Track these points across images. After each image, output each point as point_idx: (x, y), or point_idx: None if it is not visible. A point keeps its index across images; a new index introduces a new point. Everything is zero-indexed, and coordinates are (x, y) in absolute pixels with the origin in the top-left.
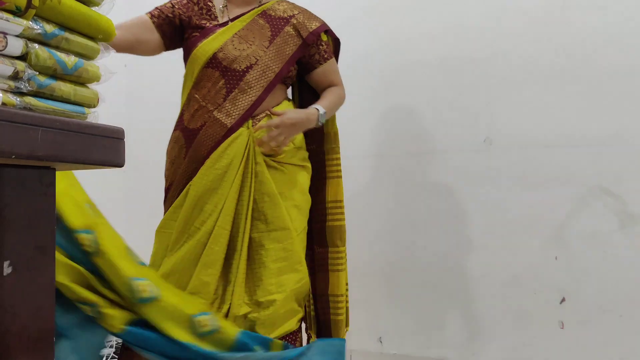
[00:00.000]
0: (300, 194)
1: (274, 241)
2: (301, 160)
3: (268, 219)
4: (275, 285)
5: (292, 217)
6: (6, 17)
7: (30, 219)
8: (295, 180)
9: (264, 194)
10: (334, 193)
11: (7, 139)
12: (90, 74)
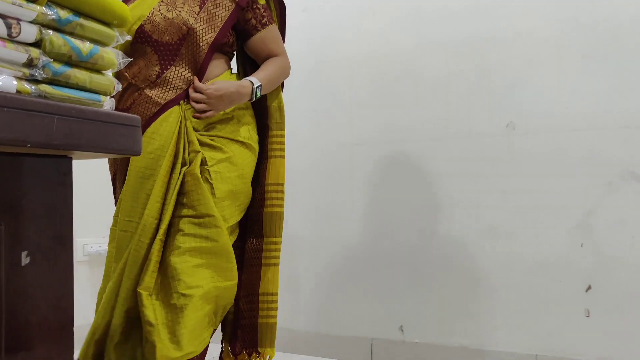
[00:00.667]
0: (239, 179)
1: (194, 227)
2: (246, 138)
3: (192, 203)
4: (192, 277)
5: (224, 205)
6: (19, 3)
7: (48, 208)
8: (235, 160)
9: (187, 175)
10: (274, 175)
11: (22, 127)
12: (106, 60)
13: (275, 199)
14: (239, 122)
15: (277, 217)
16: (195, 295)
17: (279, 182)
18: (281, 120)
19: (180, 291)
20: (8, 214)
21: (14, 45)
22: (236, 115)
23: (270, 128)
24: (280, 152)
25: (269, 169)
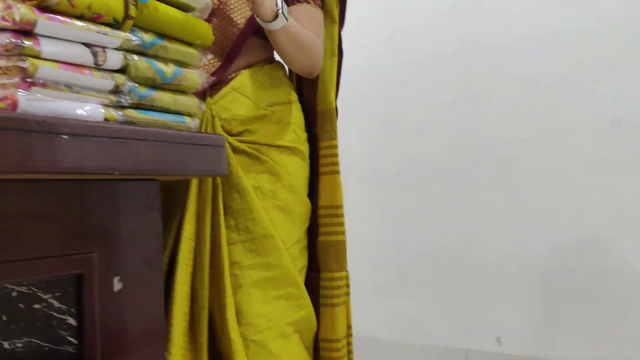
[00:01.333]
0: (287, 190)
1: (251, 256)
2: (290, 141)
3: (239, 222)
4: (263, 317)
5: (274, 223)
6: (104, 31)
7: (137, 233)
8: (278, 170)
9: (231, 188)
10: (327, 195)
11: (110, 155)
12: (189, 81)
13: (330, 225)
14: (279, 122)
15: (334, 248)
16: (268, 339)
17: (333, 205)
18: (331, 128)
19: (250, 338)
20: (100, 241)
21: (100, 73)
22: (276, 112)
23: (318, 138)
24: (332, 166)
25: (320, 188)
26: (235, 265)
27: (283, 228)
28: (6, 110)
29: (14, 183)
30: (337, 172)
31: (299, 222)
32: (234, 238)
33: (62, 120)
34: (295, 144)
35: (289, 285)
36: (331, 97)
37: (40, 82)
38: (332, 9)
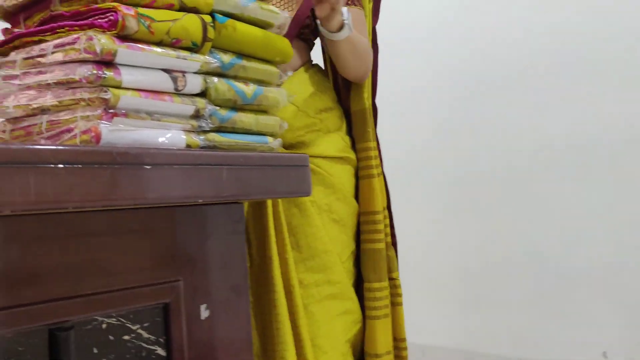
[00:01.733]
0: (341, 202)
1: (313, 273)
2: (341, 150)
3: (299, 239)
4: (326, 337)
5: (331, 237)
6: (183, 55)
7: (222, 258)
8: (332, 182)
9: (290, 202)
10: (366, 201)
11: (193, 183)
12: (270, 100)
13: (368, 233)
14: (329, 131)
15: (371, 257)
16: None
17: (371, 210)
18: (366, 129)
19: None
20: (186, 268)
21: (180, 99)
22: (324, 120)
23: (355, 140)
24: (369, 170)
25: (360, 193)
26: (299, 285)
27: (339, 242)
28: (90, 143)
29: (99, 213)
30: (372, 175)
31: (352, 234)
32: (295, 256)
33: (144, 151)
34: (346, 153)
35: (347, 300)
36: (365, 97)
37: (122, 112)
38: (365, 7)
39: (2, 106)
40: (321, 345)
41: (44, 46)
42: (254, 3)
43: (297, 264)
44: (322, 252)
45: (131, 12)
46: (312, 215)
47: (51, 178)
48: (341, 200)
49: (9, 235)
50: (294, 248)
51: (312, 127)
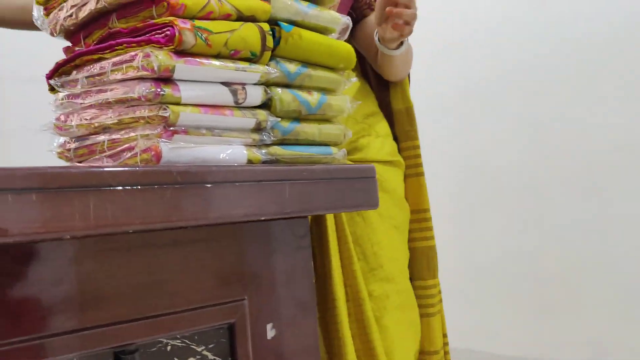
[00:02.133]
0: (398, 207)
1: (382, 284)
2: (390, 154)
3: (365, 249)
4: (400, 351)
5: (394, 244)
6: (242, 67)
7: (288, 275)
8: (388, 186)
9: (353, 212)
10: (414, 199)
11: (255, 200)
12: (334, 108)
13: (419, 231)
14: (378, 135)
15: (425, 255)
16: None
17: (419, 209)
18: (411, 127)
19: None
20: (251, 286)
21: (241, 112)
22: (372, 124)
23: (398, 139)
24: (415, 168)
25: (406, 193)
26: (369, 297)
27: (400, 248)
28: (150, 162)
29: (161, 233)
30: (421, 173)
31: (406, 239)
32: (362, 267)
33: (205, 169)
34: (396, 156)
35: (412, 310)
36: (407, 94)
37: (182, 129)
38: None
39: (66, 125)
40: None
41: (104, 64)
42: (315, 9)
43: (365, 274)
44: (388, 260)
45: (187, 26)
46: (376, 223)
47: (110, 201)
48: (398, 206)
49: (72, 258)
50: (360, 258)
51: (362, 133)
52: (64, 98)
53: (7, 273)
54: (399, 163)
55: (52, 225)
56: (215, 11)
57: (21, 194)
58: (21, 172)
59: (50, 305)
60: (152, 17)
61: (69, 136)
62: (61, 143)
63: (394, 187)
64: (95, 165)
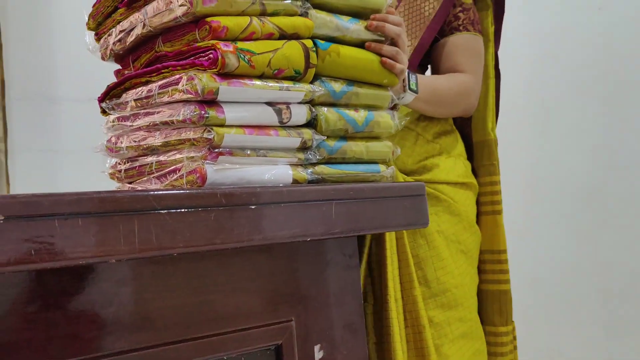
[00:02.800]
0: (467, 231)
1: (443, 310)
2: (462, 175)
3: (427, 273)
4: None
5: (460, 270)
6: (286, 86)
7: (336, 295)
8: (457, 209)
9: (416, 233)
10: (489, 239)
11: (300, 221)
12: (382, 125)
13: (492, 273)
14: (449, 155)
15: (497, 300)
16: None
17: (494, 249)
18: (490, 162)
19: None
20: (298, 307)
21: (286, 132)
22: (443, 144)
23: (477, 173)
24: (492, 206)
25: (481, 230)
26: (429, 323)
27: (467, 275)
28: (195, 184)
29: (208, 255)
30: (498, 212)
31: (476, 266)
32: (423, 292)
33: (250, 190)
34: (469, 178)
35: (478, 339)
36: (488, 127)
37: (227, 150)
38: (487, 28)
39: (117, 146)
40: None
41: (151, 87)
42: (357, 24)
43: (426, 300)
44: (453, 286)
45: (230, 49)
46: (441, 246)
47: (155, 224)
48: (467, 230)
49: (120, 280)
50: (422, 283)
51: (432, 152)
52: (114, 120)
53: (57, 296)
54: (472, 185)
55: (98, 249)
56: (257, 31)
57: (68, 219)
58: (68, 197)
59: (100, 327)
60: (195, 40)
61: (120, 157)
62: (112, 164)
63: (465, 210)
64: (140, 190)
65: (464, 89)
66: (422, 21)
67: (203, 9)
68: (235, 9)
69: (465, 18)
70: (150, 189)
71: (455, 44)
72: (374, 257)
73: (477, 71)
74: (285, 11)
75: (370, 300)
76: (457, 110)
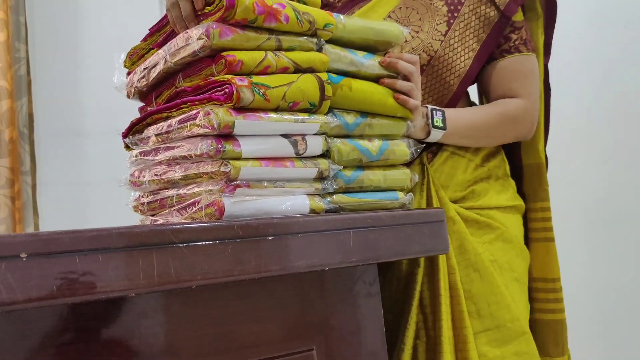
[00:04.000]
0: (519, 257)
1: (497, 345)
2: (511, 199)
3: (481, 308)
4: None
5: (515, 299)
6: (301, 118)
7: (357, 323)
8: (510, 235)
9: (469, 267)
10: (541, 267)
11: (317, 250)
12: (397, 153)
13: (546, 302)
14: (497, 178)
15: (552, 329)
16: None
17: (548, 278)
18: (540, 186)
19: None
20: (319, 336)
21: (302, 163)
22: (491, 167)
23: (527, 197)
24: (544, 232)
25: (532, 257)
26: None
27: (521, 304)
28: (213, 216)
29: (227, 285)
30: (551, 239)
31: (527, 290)
32: (476, 327)
33: (266, 221)
34: (517, 201)
35: None
36: (539, 148)
37: (244, 183)
38: (537, 40)
39: (140, 180)
40: None
41: (171, 122)
42: (372, 59)
43: (478, 334)
44: (508, 321)
45: (245, 83)
46: (495, 278)
47: (173, 258)
48: (519, 256)
49: (141, 313)
50: (474, 317)
51: (481, 176)
52: (137, 155)
53: (79, 331)
54: (520, 207)
55: (118, 284)
56: (272, 65)
57: (88, 255)
58: (88, 234)
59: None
60: (213, 75)
61: (142, 191)
62: (136, 197)
63: (516, 235)
64: (158, 224)
65: (512, 117)
66: (470, 47)
67: (220, 42)
68: (252, 44)
69: (517, 38)
70: (168, 223)
71: (506, 68)
72: (426, 293)
73: (532, 94)
74: (301, 47)
75: (422, 338)
76: (507, 138)
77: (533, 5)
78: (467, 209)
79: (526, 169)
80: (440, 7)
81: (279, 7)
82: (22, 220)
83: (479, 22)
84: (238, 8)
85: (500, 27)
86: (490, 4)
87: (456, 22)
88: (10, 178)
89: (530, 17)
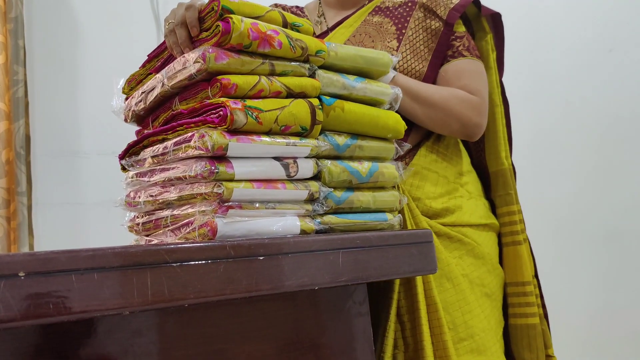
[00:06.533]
0: (491, 274)
1: (473, 355)
2: (484, 216)
3: (455, 317)
4: None
5: (485, 313)
6: (293, 142)
7: (347, 342)
8: (481, 252)
9: (442, 277)
10: (512, 271)
11: (307, 270)
12: (387, 176)
13: (518, 306)
14: (471, 196)
15: (525, 334)
16: None
17: (521, 281)
18: (506, 191)
19: None
20: (309, 355)
21: (293, 185)
22: (465, 184)
23: (495, 204)
24: (511, 236)
25: (503, 262)
26: None
27: (493, 318)
28: (206, 236)
29: (219, 304)
30: (518, 242)
31: (501, 307)
32: (452, 337)
33: (257, 241)
34: (490, 219)
35: None
36: (502, 155)
37: (236, 204)
38: (487, 55)
39: (135, 201)
40: None
41: (167, 144)
42: (363, 83)
43: (455, 344)
44: (480, 330)
45: (239, 106)
46: (467, 290)
47: (167, 277)
48: (491, 272)
49: (135, 331)
50: (451, 328)
51: (454, 193)
52: (133, 176)
53: (74, 348)
54: (493, 226)
55: (112, 302)
56: (265, 89)
57: (84, 274)
58: (84, 253)
59: None
60: (208, 98)
61: (138, 211)
62: (131, 217)
63: (488, 252)
64: (152, 244)
65: (460, 97)
66: (422, 57)
67: (215, 66)
68: (246, 68)
69: (460, 45)
70: (162, 243)
71: (452, 69)
72: (403, 302)
73: (480, 90)
74: (294, 72)
75: (401, 347)
76: (453, 120)
77: (480, 25)
78: (442, 225)
79: (493, 176)
80: (389, 27)
81: (273, 33)
82: (17, 241)
83: (427, 34)
84: (233, 33)
85: (446, 34)
86: (434, 17)
87: (405, 37)
88: (7, 198)
89: (480, 36)
